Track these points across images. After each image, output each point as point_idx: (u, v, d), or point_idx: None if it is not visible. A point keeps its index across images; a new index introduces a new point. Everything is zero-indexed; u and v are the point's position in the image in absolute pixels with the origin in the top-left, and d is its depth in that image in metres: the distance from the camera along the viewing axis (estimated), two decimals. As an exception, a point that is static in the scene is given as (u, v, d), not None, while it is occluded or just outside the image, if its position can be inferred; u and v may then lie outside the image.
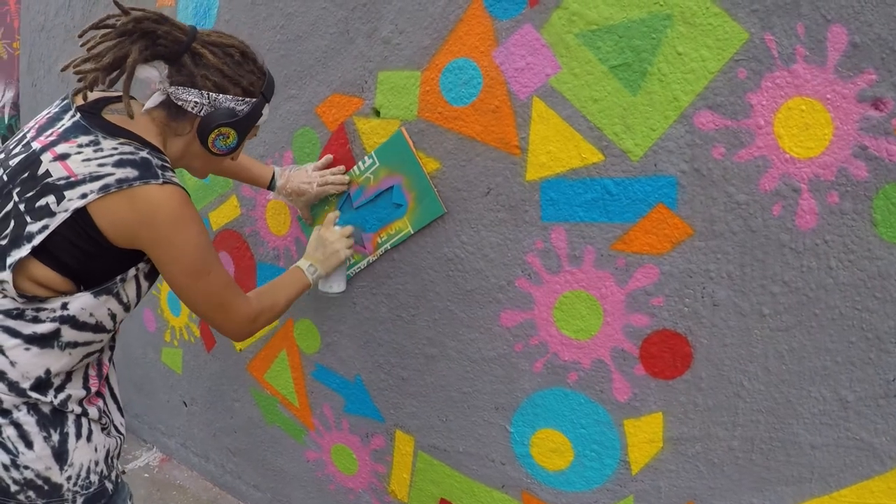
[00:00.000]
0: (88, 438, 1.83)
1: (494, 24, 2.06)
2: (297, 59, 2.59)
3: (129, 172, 1.65)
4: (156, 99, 1.79)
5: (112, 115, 1.77)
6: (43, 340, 1.70)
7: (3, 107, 4.75)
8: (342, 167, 2.51)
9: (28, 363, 1.69)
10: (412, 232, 2.38)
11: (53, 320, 1.69)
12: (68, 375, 1.80)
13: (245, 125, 1.88)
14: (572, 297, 2.07)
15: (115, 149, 1.68)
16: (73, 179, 1.62)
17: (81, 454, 1.80)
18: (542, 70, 2.00)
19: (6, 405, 1.69)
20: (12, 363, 1.68)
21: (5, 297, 1.67)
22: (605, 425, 2.11)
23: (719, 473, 1.95)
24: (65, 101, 1.80)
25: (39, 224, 1.62)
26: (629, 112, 1.88)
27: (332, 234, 2.39)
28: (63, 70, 1.75)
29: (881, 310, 1.67)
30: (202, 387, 3.48)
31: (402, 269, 2.45)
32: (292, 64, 2.61)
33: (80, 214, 1.62)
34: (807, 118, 1.66)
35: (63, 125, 1.72)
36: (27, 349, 1.69)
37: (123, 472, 3.69)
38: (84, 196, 1.61)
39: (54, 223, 1.61)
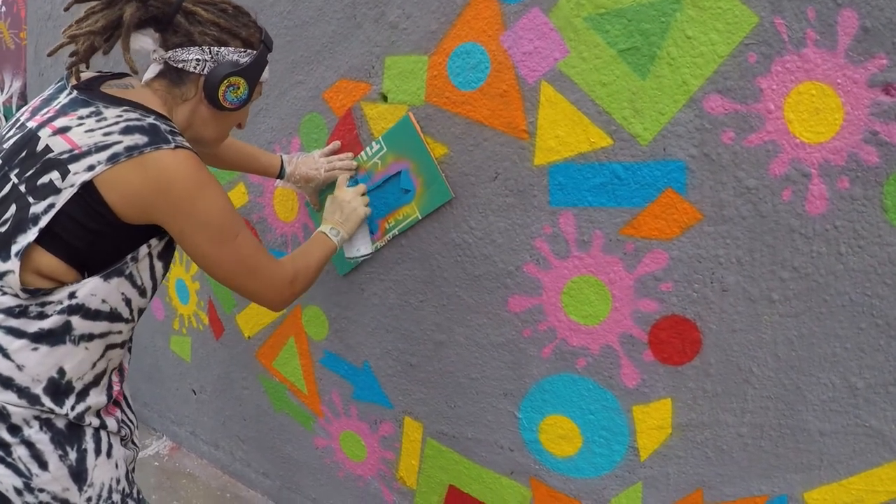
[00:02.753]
0: (108, 454, 1.70)
1: (502, 7, 2.04)
2: (304, 44, 2.58)
3: (139, 139, 1.54)
4: (154, 69, 1.73)
5: (111, 89, 1.69)
6: (52, 337, 1.57)
7: (11, 97, 4.75)
8: (349, 153, 2.50)
9: (38, 364, 1.56)
10: (420, 217, 2.36)
11: (61, 312, 1.56)
12: (96, 379, 1.67)
13: (253, 74, 1.79)
14: (581, 282, 2.07)
15: (120, 116, 1.58)
16: (77, 152, 1.52)
17: (102, 472, 1.67)
18: (551, 54, 1.99)
19: (15, 420, 1.55)
20: (19, 367, 1.54)
21: (5, 293, 1.54)
22: (613, 411, 2.10)
23: (728, 460, 1.95)
24: (59, 83, 1.73)
25: (44, 203, 1.50)
26: (638, 96, 1.87)
27: (347, 194, 2.31)
28: (51, 53, 1.72)
29: (891, 296, 1.66)
30: (211, 375, 3.48)
31: (410, 254, 2.44)
32: (299, 49, 2.60)
33: (88, 189, 1.51)
34: (817, 103, 1.65)
35: (60, 102, 1.64)
36: (35, 349, 1.55)
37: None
38: (91, 168, 1.50)
39: (60, 201, 1.50)
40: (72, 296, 1.58)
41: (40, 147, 1.55)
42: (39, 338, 1.56)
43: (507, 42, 2.06)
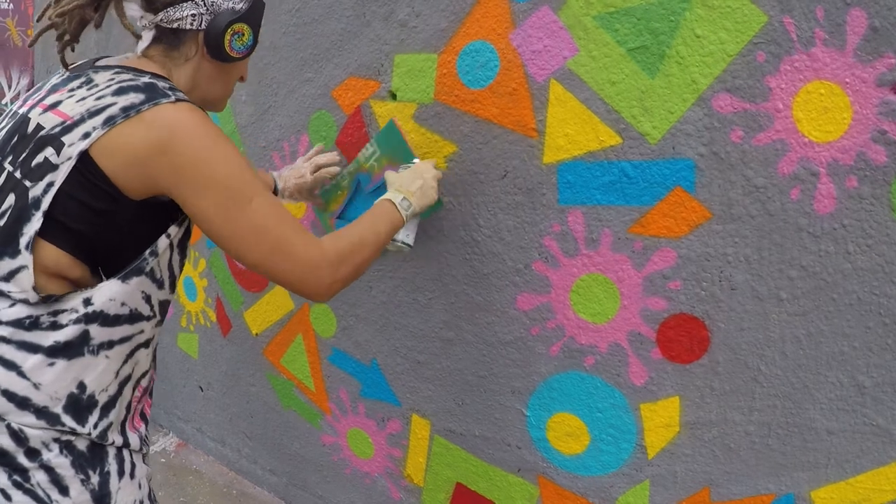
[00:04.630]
0: (132, 474, 1.57)
1: (511, 6, 2.05)
2: (314, 42, 2.58)
3: (134, 98, 1.40)
4: (147, 37, 1.58)
5: (104, 62, 1.58)
6: (69, 349, 1.42)
7: (18, 94, 4.77)
8: (322, 146, 2.51)
9: (55, 381, 1.42)
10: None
11: (77, 322, 1.42)
12: (120, 387, 1.54)
13: (254, 18, 1.65)
14: (589, 280, 2.07)
15: (112, 79, 1.45)
16: (69, 122, 1.38)
17: (126, 495, 1.54)
18: (560, 52, 1.99)
19: (34, 443, 1.41)
20: (36, 385, 1.40)
21: (13, 304, 1.40)
22: (621, 409, 2.11)
23: (735, 458, 1.95)
24: (51, 76, 1.60)
25: (42, 184, 1.37)
26: (647, 95, 1.88)
27: (431, 171, 2.09)
28: (32, 44, 1.68)
29: (900, 294, 1.67)
30: (218, 371, 3.49)
31: (418, 252, 2.44)
32: (308, 47, 2.61)
33: (85, 162, 1.37)
34: (826, 102, 1.65)
35: (51, 83, 1.54)
36: (51, 364, 1.41)
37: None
38: (87, 135, 1.36)
39: (59, 177, 1.36)
40: (87, 303, 1.44)
41: (31, 128, 1.43)
42: (55, 352, 1.41)
43: (517, 40, 2.06)
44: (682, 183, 1.87)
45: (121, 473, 1.54)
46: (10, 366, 1.40)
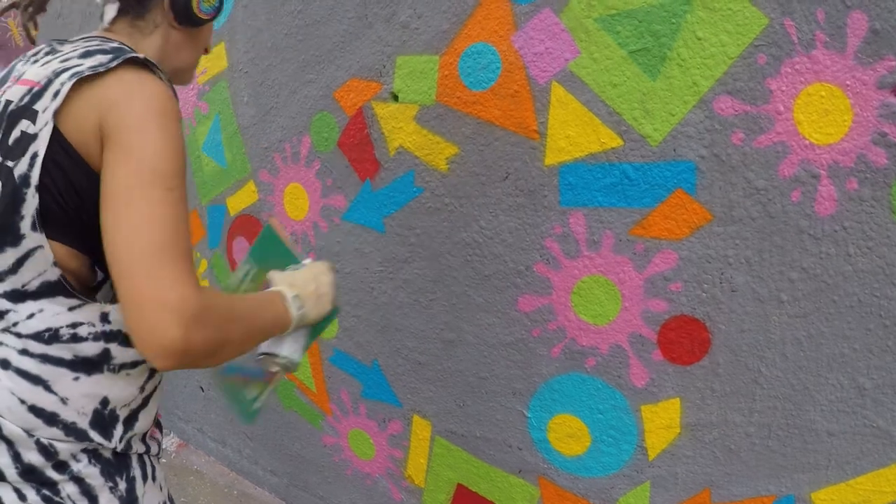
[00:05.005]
0: (153, 477, 1.54)
1: (513, 8, 2.05)
2: (316, 43, 2.59)
3: (102, 58, 1.30)
4: (111, 10, 1.49)
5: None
6: (91, 365, 1.36)
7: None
8: None
9: (82, 396, 1.36)
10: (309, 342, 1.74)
11: (97, 338, 1.35)
12: (144, 401, 1.48)
13: None
14: (590, 282, 2.07)
15: (76, 46, 1.38)
16: (37, 88, 1.28)
17: (151, 497, 1.51)
18: (562, 55, 2.00)
19: (63, 456, 1.36)
20: (63, 400, 1.35)
21: (31, 316, 1.32)
22: (622, 411, 2.11)
23: (736, 460, 1.96)
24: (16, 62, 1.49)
25: (26, 158, 1.25)
26: (648, 97, 1.88)
27: (326, 274, 1.65)
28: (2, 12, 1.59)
29: (900, 296, 1.67)
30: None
31: (419, 253, 2.45)
32: (310, 48, 2.61)
33: (57, 134, 1.25)
34: (826, 104, 1.66)
35: (15, 68, 1.44)
36: (76, 378, 1.35)
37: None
38: (57, 94, 1.25)
39: (41, 145, 1.24)
40: (105, 319, 1.36)
41: (0, 107, 1.32)
42: (77, 366, 1.35)
43: (519, 42, 2.06)
44: (683, 185, 1.87)
45: (144, 478, 1.50)
46: (36, 380, 1.34)
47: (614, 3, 1.88)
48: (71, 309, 1.34)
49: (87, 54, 1.32)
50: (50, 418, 1.35)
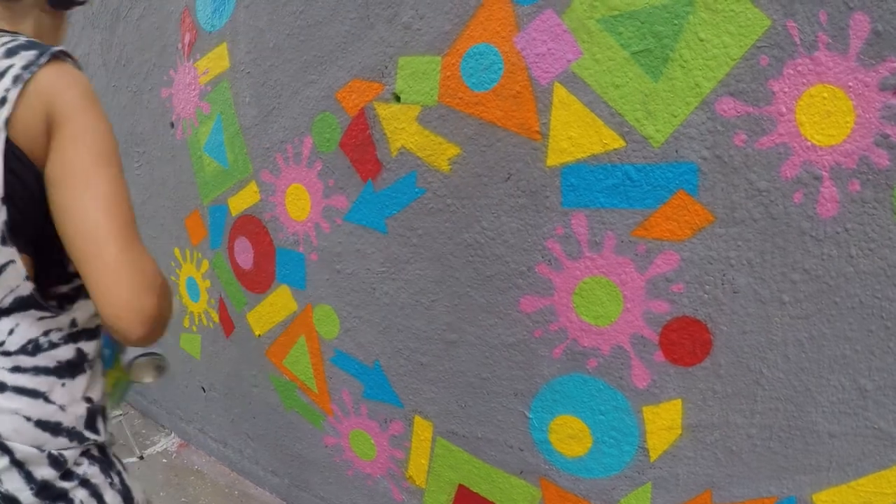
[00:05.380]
0: (123, 465, 1.55)
1: (515, 9, 2.05)
2: (317, 44, 2.59)
3: (28, 56, 1.26)
4: None
5: None
6: (73, 368, 1.41)
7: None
8: None
9: (73, 400, 1.40)
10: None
11: (67, 341, 1.40)
12: (102, 386, 1.51)
13: None
14: (592, 283, 2.07)
15: None
16: None
17: (133, 484, 1.54)
18: (564, 55, 2.00)
19: (69, 464, 1.39)
20: (62, 408, 1.38)
21: (12, 332, 1.34)
22: (623, 412, 2.11)
23: (737, 461, 1.96)
24: None
25: None
26: (651, 98, 1.88)
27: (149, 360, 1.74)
28: None
29: (902, 298, 1.67)
30: (221, 372, 3.49)
31: (421, 254, 2.45)
32: (312, 49, 2.61)
33: (9, 142, 1.22)
34: (828, 106, 1.66)
35: None
36: (63, 385, 1.39)
37: (142, 458, 3.72)
38: (4, 101, 1.22)
39: None
40: (73, 323, 1.40)
41: None
42: (61, 371, 1.39)
43: (521, 43, 2.06)
44: (685, 186, 1.87)
45: (122, 466, 1.54)
46: (35, 394, 1.36)
47: (616, 4, 1.88)
48: (41, 319, 1.36)
49: (10, 53, 1.27)
50: (55, 429, 1.37)
